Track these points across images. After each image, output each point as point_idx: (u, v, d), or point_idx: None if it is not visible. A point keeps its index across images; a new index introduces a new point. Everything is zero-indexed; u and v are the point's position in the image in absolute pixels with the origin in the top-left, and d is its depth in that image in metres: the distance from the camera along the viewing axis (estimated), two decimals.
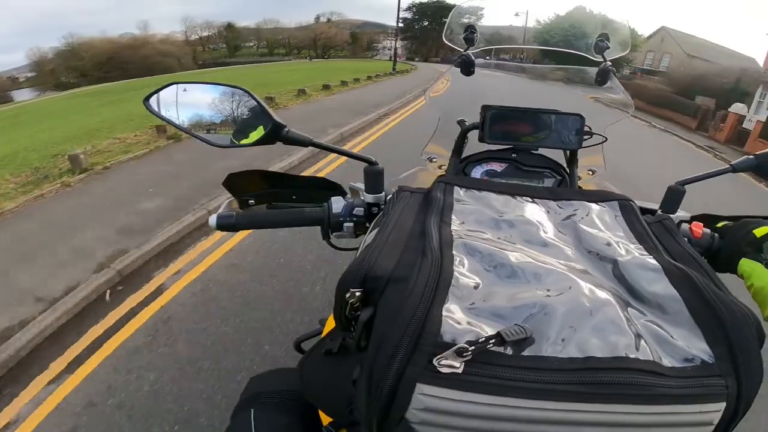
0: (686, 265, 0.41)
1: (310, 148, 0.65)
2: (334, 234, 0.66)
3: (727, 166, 0.63)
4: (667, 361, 0.31)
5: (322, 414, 0.51)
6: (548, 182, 0.92)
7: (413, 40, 49.56)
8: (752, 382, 0.32)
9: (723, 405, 0.31)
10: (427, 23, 48.67)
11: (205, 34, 50.03)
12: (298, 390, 0.54)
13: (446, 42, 1.10)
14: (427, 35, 47.59)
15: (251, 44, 52.31)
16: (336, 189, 0.71)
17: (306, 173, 4.23)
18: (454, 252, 0.40)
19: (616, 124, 1.00)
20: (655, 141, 10.88)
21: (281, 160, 4.47)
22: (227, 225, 0.62)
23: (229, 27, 51.06)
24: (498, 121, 0.86)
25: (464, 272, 0.37)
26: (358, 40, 49.90)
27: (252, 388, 0.59)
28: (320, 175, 1.56)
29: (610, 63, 0.92)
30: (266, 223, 0.66)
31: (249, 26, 52.92)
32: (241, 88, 0.59)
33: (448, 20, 1.12)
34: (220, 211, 0.64)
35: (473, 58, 0.95)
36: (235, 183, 0.69)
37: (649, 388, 0.29)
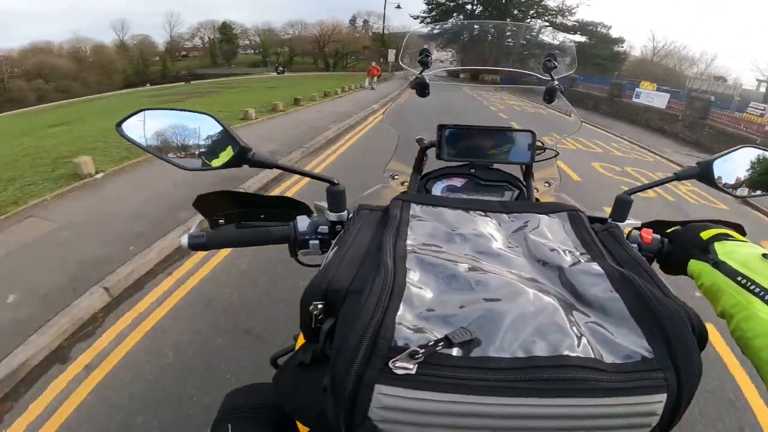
0: (631, 270, 0.45)
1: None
2: (300, 251, 0.70)
3: (671, 174, 0.69)
4: (608, 358, 0.35)
5: (299, 425, 0.55)
6: (507, 195, 0.99)
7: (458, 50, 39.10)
8: (690, 374, 0.35)
9: (664, 396, 0.34)
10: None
11: (206, 37, 42.86)
12: (273, 403, 0.58)
13: (401, 65, 1.19)
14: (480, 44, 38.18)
15: (250, 51, 47.18)
16: (301, 208, 0.75)
17: None
18: (407, 265, 0.44)
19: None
20: None
21: None
22: (198, 244, 0.66)
23: (224, 29, 43.18)
24: (453, 139, 0.93)
25: (416, 283, 0.41)
26: (383, 46, 34.18)
27: (228, 403, 0.61)
28: None
29: (557, 82, 1.00)
30: (235, 242, 0.69)
31: (248, 27, 45.38)
32: (207, 114, 0.63)
33: (403, 44, 1.22)
34: (191, 231, 0.67)
35: (427, 80, 1.02)
36: (204, 204, 0.73)
37: (588, 382, 0.33)
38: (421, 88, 1.02)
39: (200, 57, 44.28)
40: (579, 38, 32.34)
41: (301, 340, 0.65)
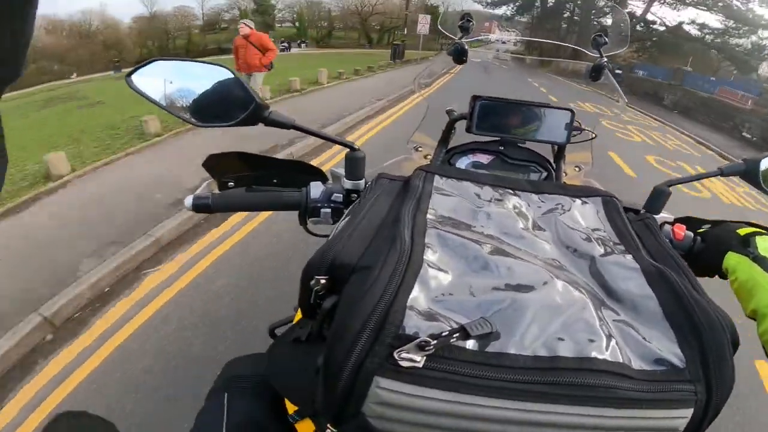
0: (665, 266, 0.41)
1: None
2: (311, 219, 0.67)
3: (716, 169, 0.65)
4: (636, 363, 0.31)
5: (288, 402, 0.52)
6: (534, 176, 0.93)
7: (530, 24, 27.73)
8: (722, 390, 0.31)
9: (690, 411, 0.31)
10: None
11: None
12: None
13: (440, 29, 1.13)
14: (553, 17, 27.81)
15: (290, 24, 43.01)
16: (317, 174, 0.72)
17: None
18: (426, 241, 0.40)
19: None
20: None
21: None
22: (202, 206, 0.63)
23: None
24: (487, 112, 0.88)
25: (434, 262, 0.37)
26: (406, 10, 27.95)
27: (228, 371, 0.60)
28: None
29: (605, 59, 0.95)
30: (242, 206, 0.68)
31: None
32: (223, 66, 0.58)
33: (444, 8, 1.15)
34: (197, 191, 0.64)
35: (466, 47, 0.97)
36: (215, 164, 0.69)
37: (615, 390, 0.29)
38: (459, 54, 0.97)
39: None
40: (710, 16, 22.90)
41: (299, 314, 0.63)
